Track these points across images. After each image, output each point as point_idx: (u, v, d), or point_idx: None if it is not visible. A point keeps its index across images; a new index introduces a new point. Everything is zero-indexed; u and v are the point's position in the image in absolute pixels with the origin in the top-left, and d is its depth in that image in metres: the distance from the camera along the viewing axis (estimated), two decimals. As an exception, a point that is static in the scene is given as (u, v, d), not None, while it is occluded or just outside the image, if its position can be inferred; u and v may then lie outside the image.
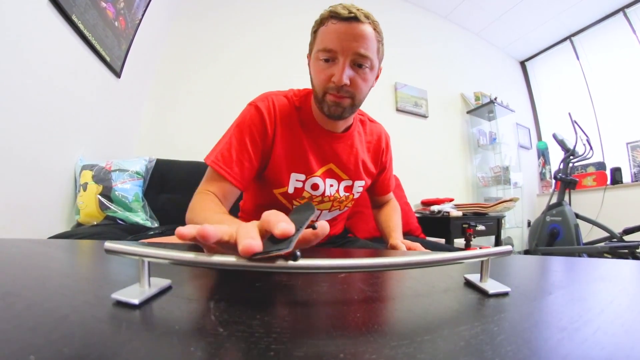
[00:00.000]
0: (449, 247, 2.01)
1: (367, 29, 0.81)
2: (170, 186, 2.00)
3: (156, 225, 1.79)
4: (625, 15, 4.21)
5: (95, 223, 1.61)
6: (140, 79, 2.34)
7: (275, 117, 0.93)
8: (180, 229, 0.32)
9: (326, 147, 0.98)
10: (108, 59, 1.82)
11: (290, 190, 0.96)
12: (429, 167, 3.58)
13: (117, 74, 1.98)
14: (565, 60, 4.91)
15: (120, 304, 0.29)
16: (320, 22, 0.85)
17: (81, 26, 1.52)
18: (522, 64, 5.41)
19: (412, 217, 2.42)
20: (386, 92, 3.55)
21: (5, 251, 0.53)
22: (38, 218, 1.40)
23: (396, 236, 1.04)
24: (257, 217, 0.75)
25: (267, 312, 0.30)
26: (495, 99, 3.87)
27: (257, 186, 1.04)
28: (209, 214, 0.73)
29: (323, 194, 0.99)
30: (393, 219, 1.16)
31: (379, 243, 1.22)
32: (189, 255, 0.30)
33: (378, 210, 1.27)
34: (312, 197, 0.99)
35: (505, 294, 0.37)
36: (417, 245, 0.94)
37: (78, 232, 1.38)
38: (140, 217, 1.74)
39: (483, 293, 0.37)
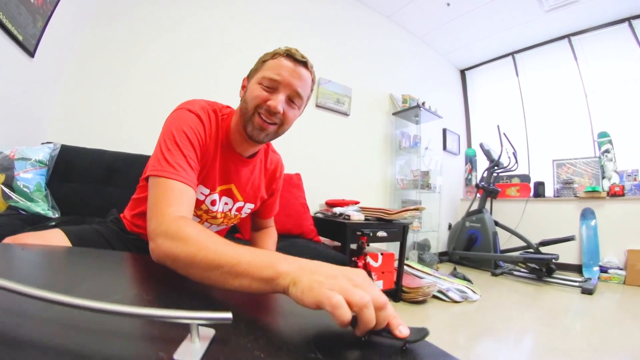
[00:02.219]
0: (337, 256, 1.95)
1: (306, 74, 0.92)
2: (76, 175, 1.95)
3: (57, 215, 1.76)
4: (569, 42, 4.38)
5: None
6: (56, 59, 2.13)
7: (211, 127, 0.95)
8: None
9: (232, 168, 1.03)
10: (20, 38, 1.68)
11: None
12: (345, 166, 3.51)
13: (31, 54, 1.83)
14: (505, 74, 5.06)
15: None
16: (273, 55, 0.92)
17: None
18: (462, 72, 5.48)
19: (306, 219, 2.36)
20: (307, 87, 3.39)
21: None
22: None
23: None
24: (139, 220, 1.04)
25: None
26: (423, 103, 3.84)
27: None
28: (220, 248, 0.55)
29: (216, 210, 1.04)
30: (267, 246, 1.22)
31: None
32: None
33: (256, 234, 1.30)
34: (207, 211, 1.02)
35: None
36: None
37: None
38: (42, 207, 1.72)
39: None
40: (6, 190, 1.60)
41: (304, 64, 0.91)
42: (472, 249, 4.06)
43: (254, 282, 0.48)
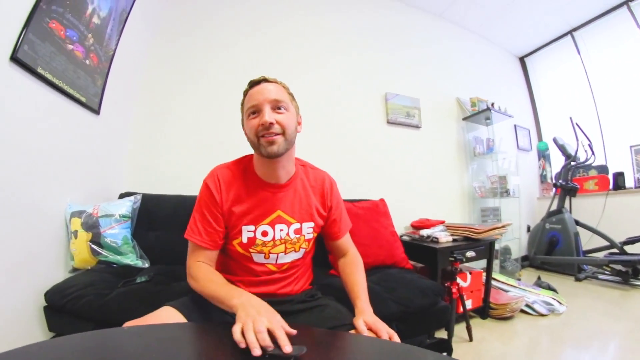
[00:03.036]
0: (432, 285, 1.92)
1: (273, 85, 1.09)
2: (159, 223, 2.05)
3: (147, 265, 1.88)
4: (629, 8, 4.02)
5: (89, 267, 1.73)
6: (121, 111, 2.28)
7: (220, 186, 1.13)
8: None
9: (272, 197, 1.15)
10: (84, 99, 1.81)
11: (244, 240, 1.13)
12: (423, 180, 3.45)
13: (96, 111, 1.97)
14: (566, 56, 4.75)
15: None
16: (245, 95, 1.12)
17: (49, 76, 1.52)
18: (522, 60, 5.24)
19: (397, 248, 2.33)
20: (376, 104, 3.39)
21: None
22: (36, 268, 1.48)
23: (360, 307, 1.09)
24: (227, 266, 1.22)
25: None
26: (493, 105, 3.72)
27: (224, 241, 1.22)
28: (213, 287, 0.99)
29: (274, 239, 1.14)
30: (357, 281, 1.22)
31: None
32: None
33: (340, 263, 1.34)
34: (264, 243, 1.14)
35: None
36: (378, 326, 0.96)
37: (73, 283, 1.48)
38: (131, 259, 1.84)
39: None
40: (95, 247, 1.72)
41: (265, 80, 1.09)
42: (553, 252, 3.90)
43: (226, 307, 0.89)
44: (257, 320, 0.70)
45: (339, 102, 3.17)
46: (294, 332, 0.68)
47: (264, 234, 1.13)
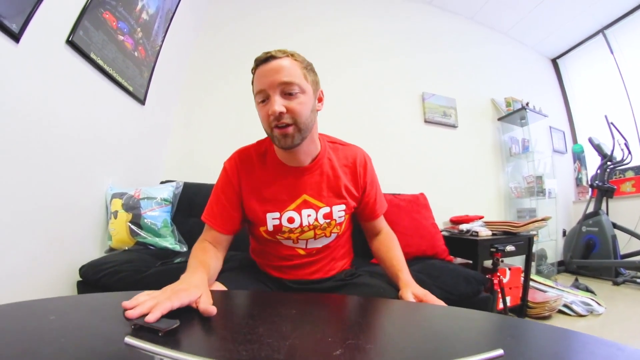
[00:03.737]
0: (475, 274, 1.97)
1: (284, 61, 0.94)
2: (198, 210, 2.04)
3: (185, 249, 1.91)
4: None
5: (126, 248, 1.78)
6: (164, 103, 2.42)
7: (238, 170, 1.09)
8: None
9: (295, 182, 1.09)
10: (131, 88, 1.94)
11: (270, 228, 1.08)
12: (459, 180, 3.51)
13: (142, 102, 2.09)
14: (598, 55, 4.70)
15: None
16: (252, 72, 0.99)
17: (100, 62, 1.63)
18: (554, 61, 5.22)
19: (439, 239, 2.39)
20: (413, 104, 3.49)
21: (19, 320, 0.56)
22: (73, 245, 1.55)
23: (405, 280, 1.05)
24: (259, 251, 1.25)
25: None
26: (527, 104, 3.75)
27: (250, 227, 1.20)
28: (191, 262, 0.94)
29: (301, 225, 1.08)
30: (396, 255, 1.18)
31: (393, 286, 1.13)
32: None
33: (375, 242, 1.29)
34: (291, 230, 1.08)
35: None
36: (428, 297, 0.95)
37: (110, 259, 1.51)
38: (169, 241, 1.88)
39: None
40: (134, 227, 1.77)
41: (273, 57, 0.94)
42: (590, 256, 3.84)
43: None
44: (157, 297, 0.63)
45: (378, 102, 3.29)
46: (175, 323, 0.55)
47: (290, 220, 1.08)
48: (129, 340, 0.39)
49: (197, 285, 0.74)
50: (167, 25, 2.29)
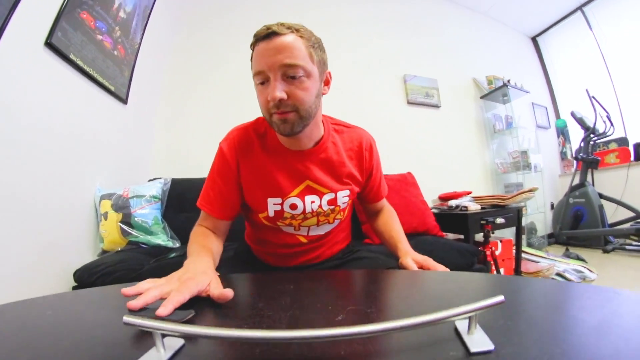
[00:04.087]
0: (467, 247, 2.03)
1: (287, 38, 0.82)
2: (188, 205, 1.98)
3: (177, 245, 1.90)
4: None
5: (119, 249, 1.74)
6: (147, 101, 2.42)
7: (236, 152, 1.00)
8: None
9: (298, 166, 1.00)
10: (112, 88, 1.93)
11: (271, 213, 1.01)
12: (445, 159, 3.57)
13: (124, 101, 2.08)
14: (577, 32, 4.79)
15: None
16: (252, 47, 0.88)
17: (80, 62, 1.62)
18: (534, 40, 5.31)
19: (429, 216, 2.44)
20: (395, 86, 3.53)
21: (22, 316, 0.58)
22: (66, 250, 1.53)
23: (404, 249, 1.04)
24: (256, 238, 1.18)
25: None
26: (509, 81, 3.81)
27: (248, 213, 1.12)
28: (190, 248, 0.91)
29: (304, 212, 1.01)
30: (394, 228, 1.16)
31: (392, 257, 1.14)
32: (201, 330, 0.36)
33: (374, 220, 1.27)
34: (293, 216, 1.02)
35: (488, 353, 0.36)
36: (429, 262, 0.94)
37: (103, 261, 1.48)
38: (162, 238, 1.87)
39: (465, 349, 0.37)
40: (125, 227, 1.75)
41: (275, 33, 0.82)
42: (579, 226, 3.93)
43: None
44: (162, 285, 0.61)
45: (361, 85, 3.33)
46: (190, 313, 0.54)
47: (293, 206, 1.00)
48: (128, 319, 0.38)
49: (204, 271, 0.70)
50: (145, 22, 2.28)
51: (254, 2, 3.09)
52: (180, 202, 2.08)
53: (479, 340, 0.38)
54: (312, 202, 1.01)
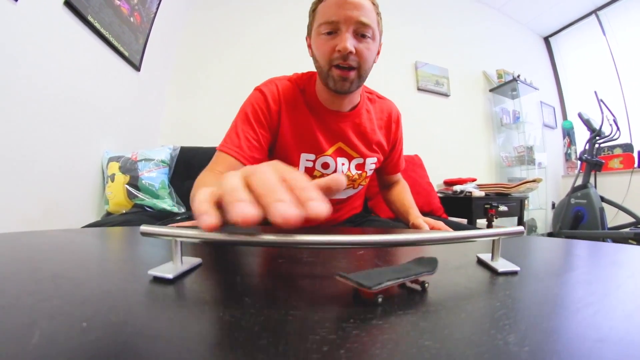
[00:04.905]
0: (471, 227, 2.05)
1: (365, 0, 0.85)
2: (195, 172, 1.93)
3: (183, 210, 1.89)
4: None
5: (124, 211, 1.74)
6: (159, 70, 2.45)
7: (280, 99, 0.99)
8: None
9: (334, 127, 1.02)
10: (127, 54, 1.95)
11: (301, 169, 1.00)
12: (451, 147, 3.62)
13: (137, 68, 2.12)
14: (590, 35, 4.78)
15: (156, 279, 0.33)
16: (319, 1, 0.89)
17: (97, 25, 1.64)
18: (546, 40, 5.31)
19: (434, 197, 2.46)
20: (406, 72, 3.58)
21: (47, 241, 0.57)
22: (70, 210, 1.54)
23: (415, 214, 1.09)
24: None
25: (288, 285, 0.35)
26: (519, 76, 3.85)
27: None
28: (201, 188, 0.70)
29: (335, 173, 1.00)
30: (406, 197, 1.20)
31: (401, 222, 1.21)
32: (217, 235, 0.31)
33: (387, 191, 1.31)
34: (323, 176, 0.93)
35: (514, 273, 0.38)
36: (440, 223, 0.99)
37: (109, 220, 1.50)
38: (168, 203, 1.85)
39: (493, 271, 0.39)
40: (131, 189, 1.75)
41: None
42: (578, 227, 3.90)
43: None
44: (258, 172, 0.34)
45: (373, 68, 3.30)
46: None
47: (325, 165, 1.02)
48: (145, 228, 0.35)
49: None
50: None
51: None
52: (188, 170, 2.08)
53: (504, 264, 0.40)
54: (343, 164, 1.04)
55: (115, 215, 1.67)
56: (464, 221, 2.54)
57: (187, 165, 2.10)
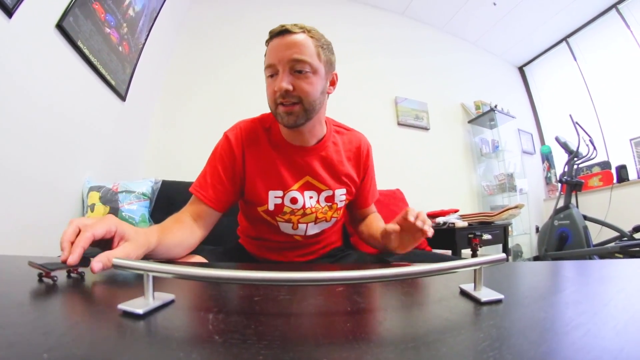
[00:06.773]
0: (451, 257, 2.11)
1: (298, 37, 0.91)
2: (176, 207, 1.87)
3: None
4: (618, 11, 4.30)
5: None
6: (144, 101, 2.49)
7: (243, 142, 1.03)
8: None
9: (299, 161, 1.04)
10: (113, 83, 1.96)
11: (271, 207, 1.03)
12: (433, 179, 3.72)
13: (123, 98, 2.12)
14: (562, 62, 5.01)
15: (126, 313, 0.33)
16: (266, 45, 0.96)
17: (86, 51, 1.66)
18: (521, 69, 5.57)
19: (416, 232, 2.53)
20: (387, 107, 3.75)
21: (19, 266, 0.60)
22: (47, 236, 1.47)
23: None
24: (250, 233, 1.17)
25: (261, 322, 0.34)
26: (496, 106, 4.03)
27: (245, 206, 1.15)
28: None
29: (304, 207, 1.04)
30: (380, 224, 1.18)
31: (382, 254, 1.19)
32: (188, 270, 0.33)
33: (361, 224, 1.26)
34: (293, 211, 1.04)
35: (498, 302, 0.38)
36: (420, 212, 0.94)
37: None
38: None
39: (476, 301, 0.39)
40: None
41: (288, 31, 0.91)
42: (564, 248, 3.98)
43: None
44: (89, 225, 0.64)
45: (354, 104, 3.48)
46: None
47: (294, 200, 1.04)
48: (118, 261, 0.35)
49: (129, 227, 0.69)
50: (151, 24, 2.38)
51: (252, 17, 3.31)
52: (169, 204, 1.99)
53: (487, 294, 0.40)
54: (311, 197, 1.06)
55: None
56: (449, 252, 2.59)
57: (169, 200, 2.07)
